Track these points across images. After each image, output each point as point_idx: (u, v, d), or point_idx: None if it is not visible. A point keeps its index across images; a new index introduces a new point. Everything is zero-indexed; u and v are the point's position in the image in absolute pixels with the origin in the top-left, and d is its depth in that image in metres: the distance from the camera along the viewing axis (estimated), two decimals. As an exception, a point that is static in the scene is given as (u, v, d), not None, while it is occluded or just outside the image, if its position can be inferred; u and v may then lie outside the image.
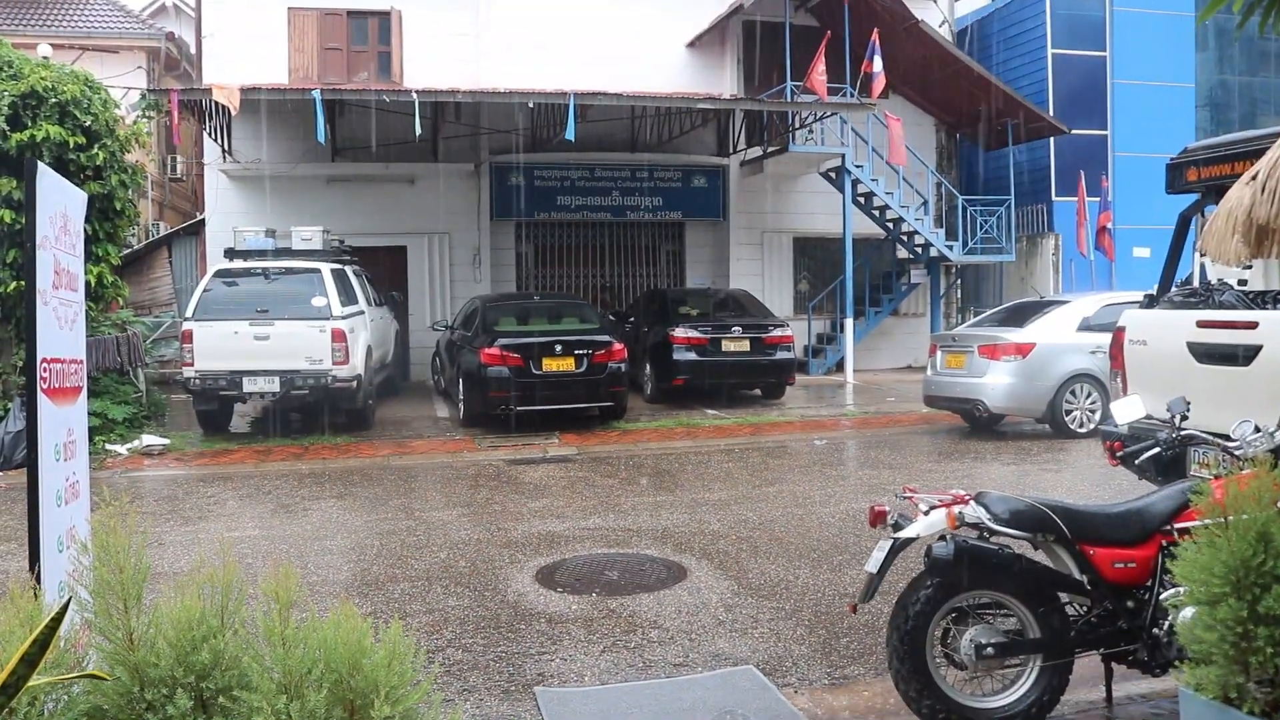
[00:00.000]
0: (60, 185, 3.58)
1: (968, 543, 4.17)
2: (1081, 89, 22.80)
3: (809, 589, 6.59)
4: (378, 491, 10.23)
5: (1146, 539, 4.25)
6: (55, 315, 3.38)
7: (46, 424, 3.22)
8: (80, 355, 3.71)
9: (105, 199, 12.88)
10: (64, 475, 3.44)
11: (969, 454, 12.03)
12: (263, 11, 19.06)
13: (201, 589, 2.78)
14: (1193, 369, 6.67)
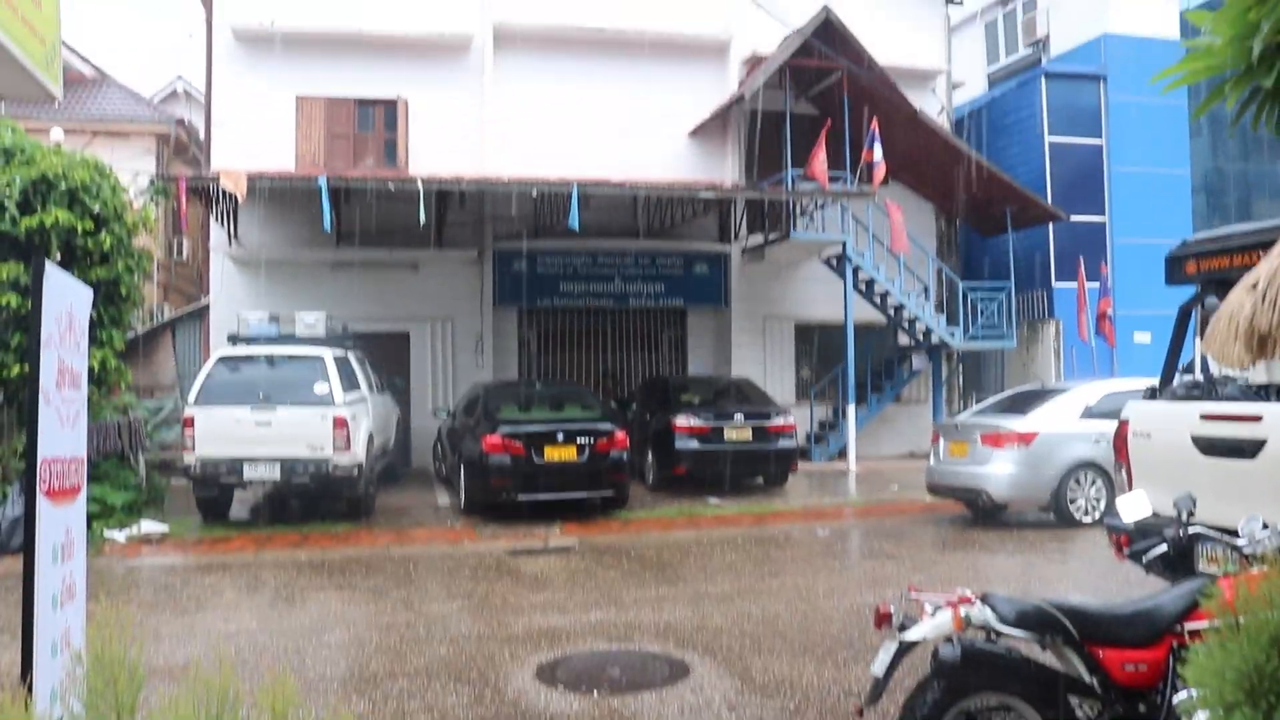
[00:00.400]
0: (66, 283, 3.60)
1: (975, 644, 4.12)
2: (1079, 176, 23.10)
3: (814, 687, 6.49)
4: (377, 582, 10.14)
5: (1157, 640, 4.19)
6: (58, 414, 3.38)
7: (45, 525, 3.21)
8: (81, 453, 3.71)
9: (111, 284, 12.96)
10: (61, 577, 3.41)
11: (973, 544, 11.94)
12: (271, 98, 19.36)
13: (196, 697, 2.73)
14: (1198, 462, 6.65)
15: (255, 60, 19.62)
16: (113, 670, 2.69)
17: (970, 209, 22.38)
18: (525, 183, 17.21)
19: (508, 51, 20.41)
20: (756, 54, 20.74)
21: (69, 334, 3.59)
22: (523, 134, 20.17)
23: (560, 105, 20.51)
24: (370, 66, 19.79)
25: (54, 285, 3.39)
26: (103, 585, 9.80)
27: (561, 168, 18.98)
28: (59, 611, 3.37)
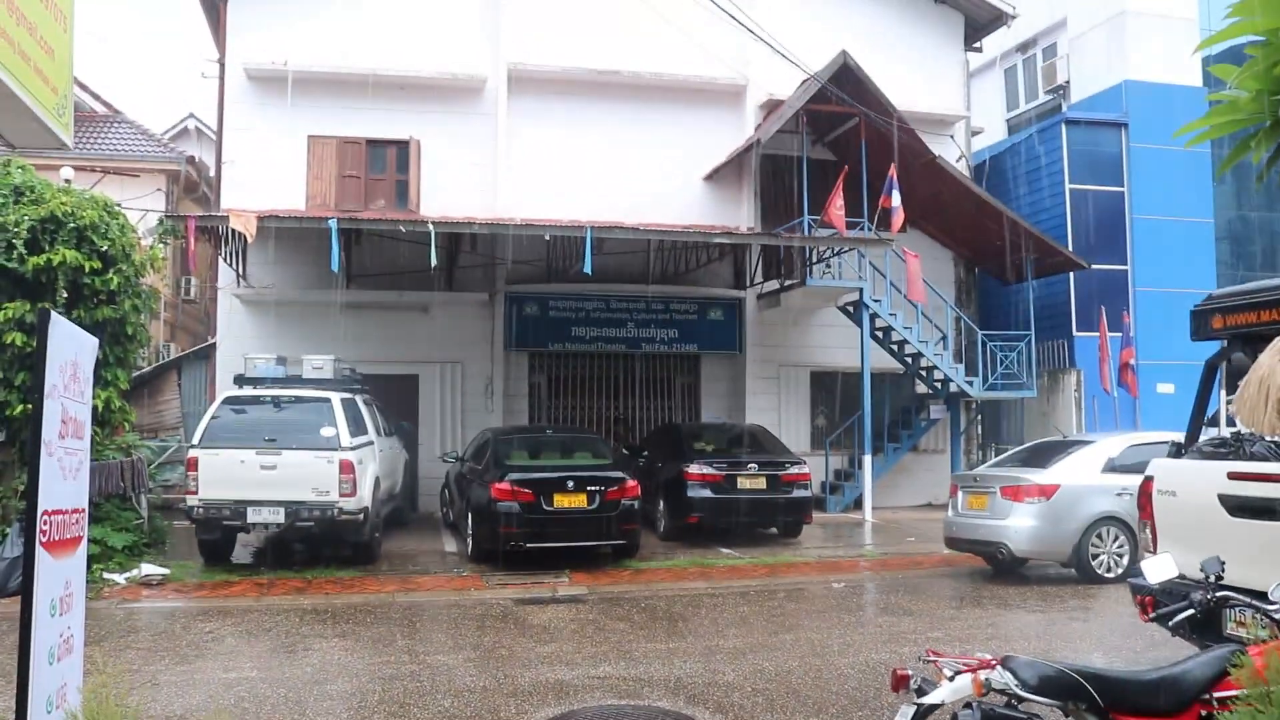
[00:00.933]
0: (71, 333, 3.61)
1: (995, 710, 4.05)
2: (1100, 224, 23.11)
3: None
4: (382, 631, 10.07)
5: (1184, 709, 4.11)
6: (60, 465, 3.37)
7: (44, 578, 3.18)
8: (83, 504, 3.69)
9: (117, 323, 13.02)
10: (59, 631, 3.39)
11: (992, 600, 11.82)
12: (283, 138, 19.53)
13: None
14: (1225, 522, 6.57)
15: (267, 99, 19.82)
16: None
17: (990, 256, 22.39)
18: (538, 225, 17.29)
19: (521, 94, 20.58)
20: (773, 98, 20.86)
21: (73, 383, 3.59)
22: (536, 176, 20.30)
23: (574, 148, 20.65)
24: (383, 107, 19.96)
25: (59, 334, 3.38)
26: (101, 630, 9.76)
27: (575, 211, 19.07)
28: (55, 666, 3.34)
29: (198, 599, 11.79)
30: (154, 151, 23.85)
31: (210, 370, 20.23)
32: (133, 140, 24.04)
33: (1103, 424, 21.13)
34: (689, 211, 20.92)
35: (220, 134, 20.44)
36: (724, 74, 21.19)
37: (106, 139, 23.82)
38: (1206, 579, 4.69)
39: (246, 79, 19.81)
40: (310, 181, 19.60)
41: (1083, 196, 23.13)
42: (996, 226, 20.79)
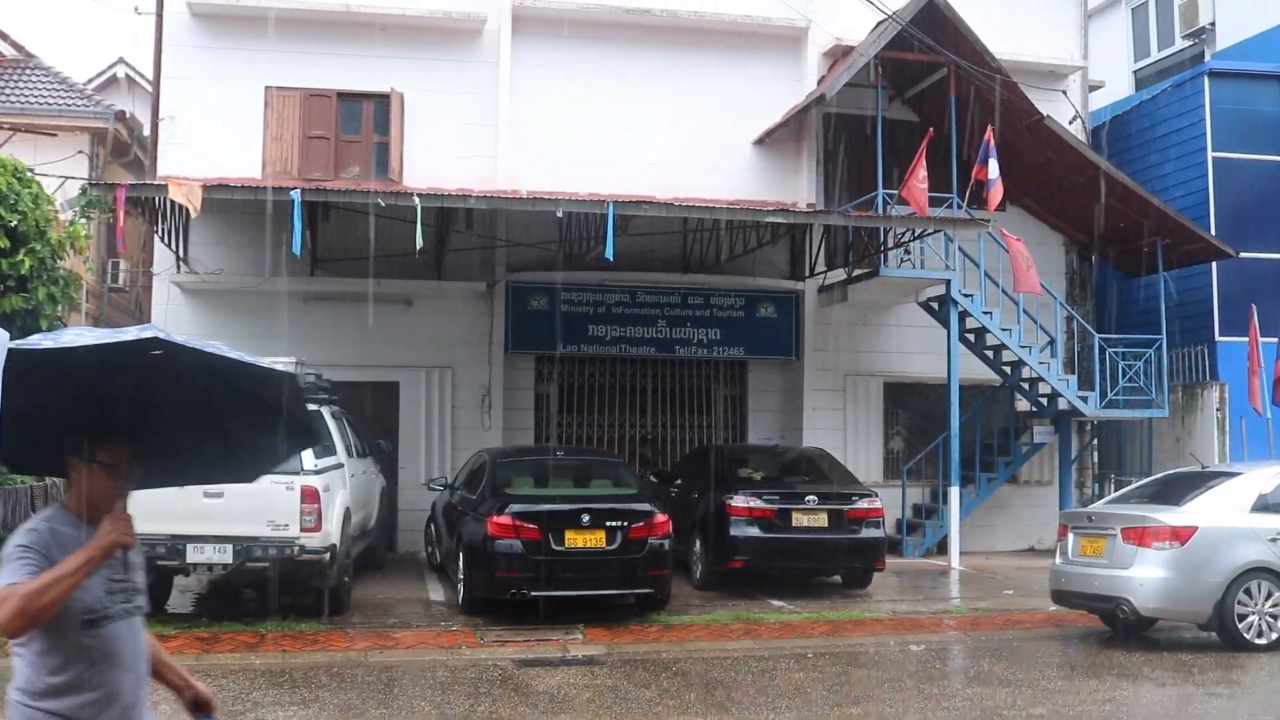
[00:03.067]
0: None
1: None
2: (1253, 201, 22.90)
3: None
4: (350, 698, 10.13)
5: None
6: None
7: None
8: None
9: (29, 315, 13.18)
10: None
11: (1111, 669, 11.79)
12: (234, 90, 19.64)
13: None
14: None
15: (216, 41, 19.97)
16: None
17: (1110, 242, 22.29)
18: (548, 199, 17.32)
19: (530, 38, 20.64)
20: (841, 44, 20.84)
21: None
22: (546, 139, 20.35)
23: (593, 105, 20.68)
24: (358, 53, 20.06)
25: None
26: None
27: (593, 182, 19.11)
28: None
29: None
30: (75, 105, 24.01)
31: (142, 375, 20.33)
32: (49, 91, 24.21)
33: (1253, 452, 20.96)
34: (735, 184, 20.90)
35: (157, 85, 20.51)
36: (781, 13, 21.11)
37: (17, 89, 24.00)
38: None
39: (190, 16, 19.92)
40: (268, 143, 19.70)
41: (1230, 167, 22.95)
42: (1119, 204, 20.70)
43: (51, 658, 3.58)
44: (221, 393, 4.01)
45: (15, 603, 3.33)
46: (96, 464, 3.68)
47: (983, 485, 21.33)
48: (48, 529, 3.63)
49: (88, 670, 3.61)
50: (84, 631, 3.59)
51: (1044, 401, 20.91)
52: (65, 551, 3.50)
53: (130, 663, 3.78)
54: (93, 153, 23.54)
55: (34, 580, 3.38)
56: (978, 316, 19.79)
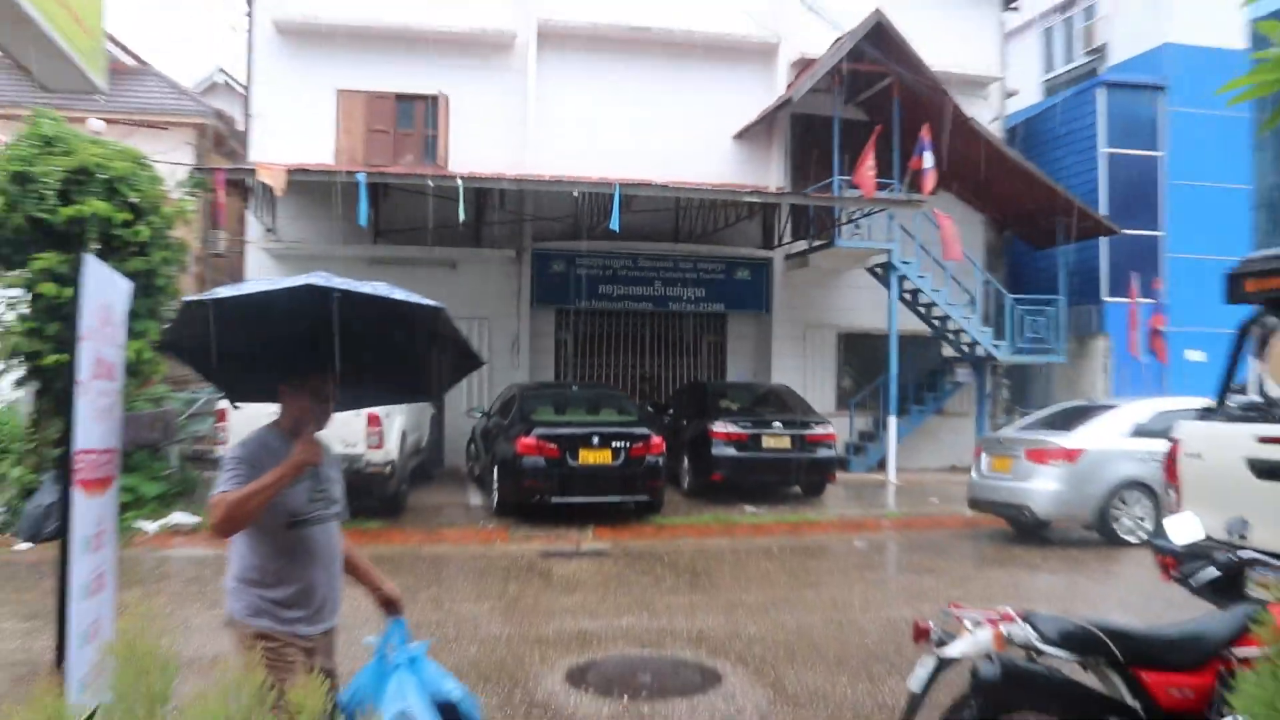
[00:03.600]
0: (106, 276, 3.67)
1: (1015, 663, 4.09)
2: (1134, 189, 22.84)
3: (847, 700, 6.48)
4: (408, 581, 10.19)
5: (1204, 665, 4.14)
6: (93, 406, 3.44)
7: (78, 515, 3.26)
8: (114, 445, 3.78)
9: (148, 275, 13.11)
10: (91, 567, 3.48)
11: (1014, 561, 11.86)
12: (311, 92, 19.55)
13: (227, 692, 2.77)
14: (1252, 486, 6.57)
15: (296, 53, 19.84)
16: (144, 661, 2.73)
17: (1021, 220, 22.25)
18: (566, 182, 17.29)
19: (551, 49, 20.51)
20: (805, 57, 20.70)
21: (107, 326, 3.65)
22: (565, 133, 20.26)
23: (603, 105, 20.58)
24: (412, 61, 19.94)
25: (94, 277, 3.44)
26: (134, 575, 9.93)
27: (603, 168, 19.03)
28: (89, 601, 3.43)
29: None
30: (183, 105, 23.86)
31: (239, 323, 20.32)
32: (161, 93, 24.06)
33: (1131, 390, 21.00)
34: (718, 170, 20.83)
35: (249, 87, 20.45)
36: (756, 32, 21.03)
37: (135, 92, 23.84)
38: (1231, 539, 4.71)
39: (275, 32, 19.81)
40: (339, 136, 19.62)
41: (1118, 161, 22.87)
42: (1029, 190, 20.65)
43: (261, 553, 3.68)
44: (396, 325, 4.04)
45: (222, 509, 3.42)
46: (304, 391, 3.74)
47: (914, 416, 21.38)
48: (259, 442, 3.70)
49: (289, 564, 3.70)
50: (288, 531, 3.69)
51: (965, 349, 20.91)
52: (274, 460, 3.54)
53: (326, 561, 3.87)
54: (197, 144, 23.40)
55: (239, 490, 3.43)
56: (914, 280, 19.75)
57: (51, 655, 3.29)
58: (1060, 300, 21.12)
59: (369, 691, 3.85)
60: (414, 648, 4.06)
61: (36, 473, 12.47)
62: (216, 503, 3.44)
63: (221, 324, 3.46)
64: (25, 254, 12.34)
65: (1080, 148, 23.31)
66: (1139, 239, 22.40)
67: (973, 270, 21.11)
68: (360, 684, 3.95)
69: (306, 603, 3.76)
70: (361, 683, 3.95)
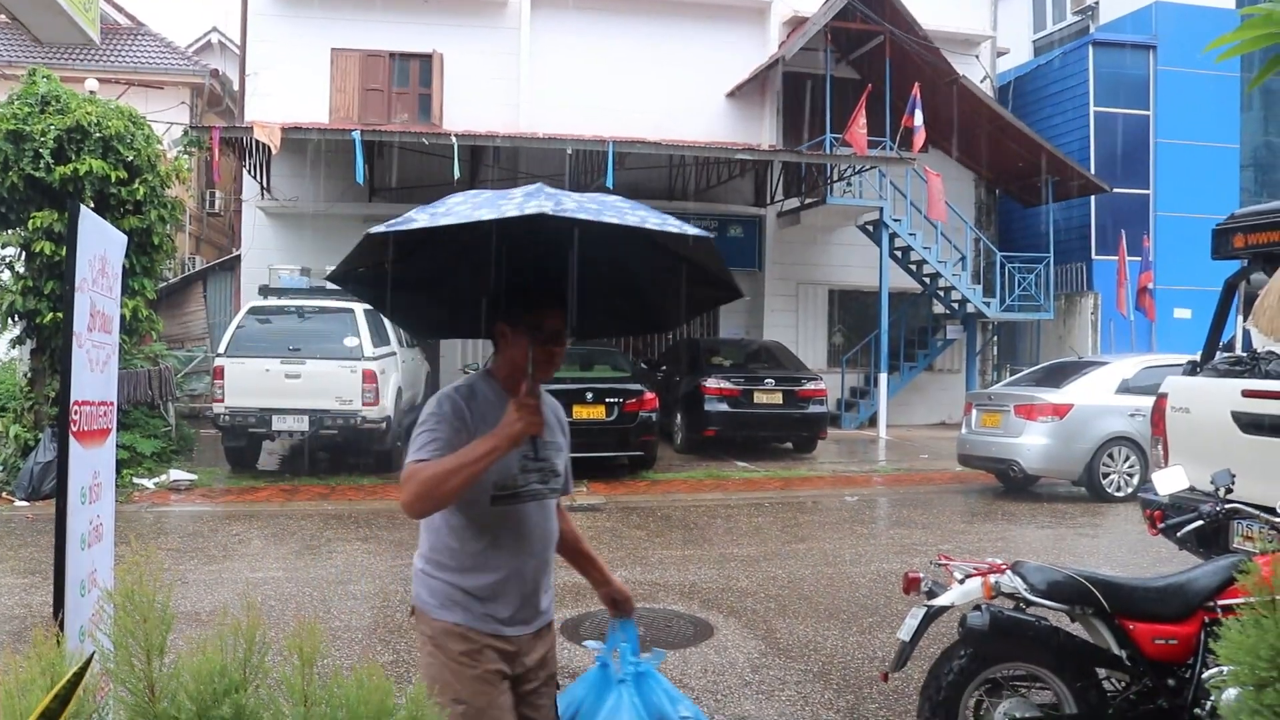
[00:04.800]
0: (100, 227, 3.61)
1: (1003, 613, 4.09)
2: (1124, 148, 22.77)
3: (838, 651, 6.50)
4: (403, 535, 10.20)
5: (1189, 615, 4.14)
6: (89, 357, 3.40)
7: (75, 467, 3.22)
8: (110, 397, 3.73)
9: (144, 233, 13.02)
10: (88, 518, 3.44)
11: (1003, 515, 11.89)
12: (306, 51, 19.37)
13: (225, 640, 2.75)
14: (1237, 439, 6.56)
15: (291, 12, 19.63)
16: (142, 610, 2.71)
17: (1011, 178, 22.18)
18: (560, 140, 17.17)
19: (545, 8, 20.32)
20: (797, 15, 20.55)
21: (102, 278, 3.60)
22: (559, 92, 20.11)
23: (597, 64, 20.41)
24: (406, 20, 19.75)
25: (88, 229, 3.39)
26: (131, 531, 9.92)
27: (597, 126, 18.89)
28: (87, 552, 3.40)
29: (224, 504, 11.96)
30: (178, 64, 23.66)
31: (235, 281, 20.31)
32: (156, 53, 23.84)
33: (1119, 347, 21.03)
34: (711, 128, 20.72)
35: (244, 46, 20.26)
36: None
37: (130, 51, 23.63)
38: (1217, 491, 4.70)
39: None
40: (333, 94, 19.47)
41: (1107, 120, 22.76)
42: (1019, 148, 20.56)
43: (457, 530, 2.93)
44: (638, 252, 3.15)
45: (416, 485, 2.70)
46: (526, 329, 2.91)
47: (905, 372, 21.38)
48: (467, 395, 2.94)
49: (491, 548, 2.93)
50: (492, 507, 2.90)
51: (955, 306, 20.90)
52: (483, 420, 2.84)
53: (537, 546, 3.02)
54: (192, 103, 23.25)
55: (438, 463, 2.70)
56: (904, 237, 19.71)
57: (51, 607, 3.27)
58: (1049, 258, 21.08)
59: (588, 706, 3.23)
60: (645, 659, 3.34)
61: (34, 430, 12.43)
62: (409, 476, 2.74)
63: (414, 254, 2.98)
64: (21, 213, 12.26)
65: (1070, 106, 23.19)
66: (1128, 197, 22.33)
67: (963, 228, 21.06)
68: (577, 695, 3.29)
69: (512, 596, 2.96)
70: (579, 694, 3.29)
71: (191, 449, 14.98)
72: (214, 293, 21.42)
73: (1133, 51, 23.08)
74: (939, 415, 21.96)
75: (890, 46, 19.32)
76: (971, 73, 21.24)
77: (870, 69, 20.41)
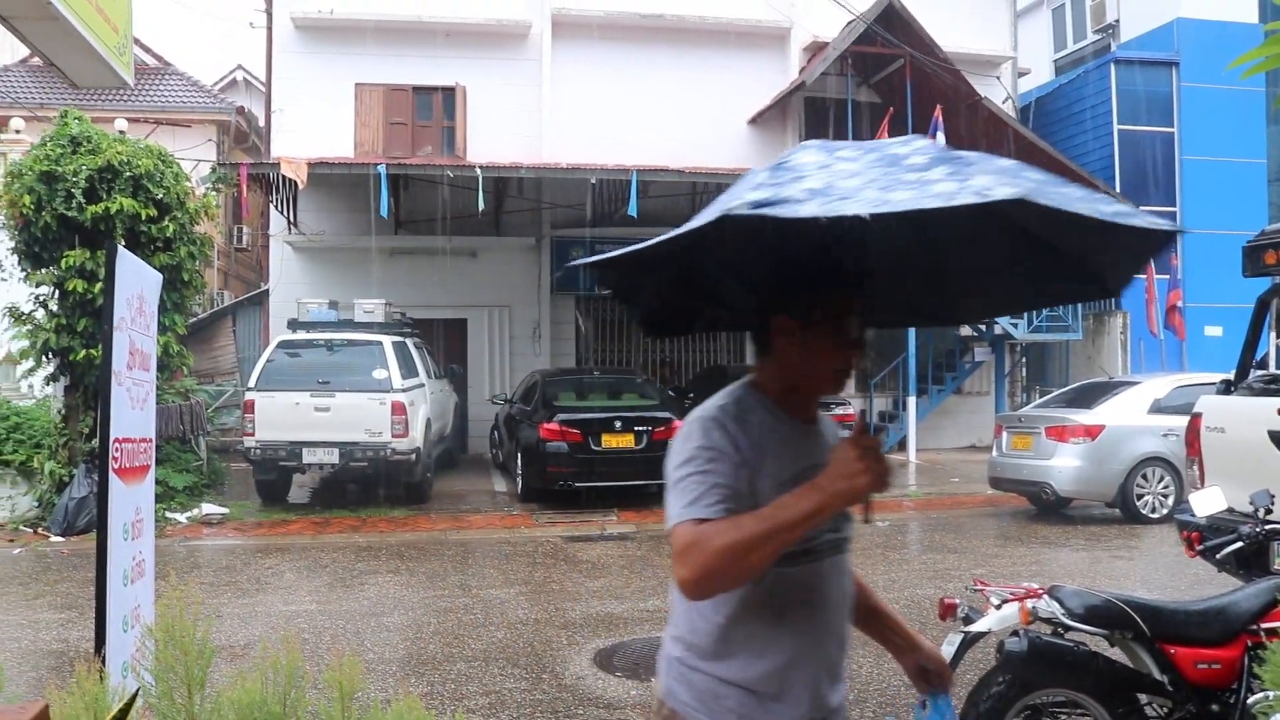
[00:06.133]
0: (137, 267, 3.66)
1: (1042, 638, 4.06)
2: (1149, 165, 22.67)
3: (873, 679, 6.45)
4: (435, 566, 10.22)
5: (1231, 639, 4.09)
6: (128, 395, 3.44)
7: (116, 503, 3.26)
8: (150, 434, 3.77)
9: (174, 270, 13.16)
10: (131, 554, 3.48)
11: (1037, 539, 11.79)
12: (330, 87, 19.56)
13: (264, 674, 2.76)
14: (1275, 458, 6.50)
15: (314, 48, 19.84)
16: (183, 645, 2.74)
17: (1036, 199, 22.09)
18: (584, 170, 17.24)
19: (566, 39, 20.45)
20: (818, 41, 20.60)
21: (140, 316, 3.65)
22: (580, 122, 20.21)
23: (619, 93, 20.52)
24: (429, 54, 19.92)
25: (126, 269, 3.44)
26: (165, 565, 9.98)
27: (620, 155, 18.97)
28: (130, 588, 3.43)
29: (256, 536, 12.02)
30: (204, 102, 23.97)
31: (264, 316, 20.45)
32: (183, 92, 24.16)
33: (1149, 367, 20.88)
34: (733, 155, 20.74)
35: (269, 83, 20.50)
36: (768, 16, 20.90)
37: (158, 91, 23.95)
38: (1255, 512, 4.65)
39: (294, 28, 19.81)
40: (358, 129, 19.64)
41: (1131, 138, 22.69)
42: (1043, 168, 20.42)
43: (729, 603, 2.07)
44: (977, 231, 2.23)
45: (707, 560, 1.87)
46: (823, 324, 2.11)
47: (933, 396, 21.28)
48: (738, 417, 2.10)
49: (775, 624, 2.08)
50: (781, 568, 2.03)
51: (982, 328, 20.80)
52: (764, 452, 2.06)
53: (833, 618, 2.20)
54: (219, 140, 23.53)
55: (736, 527, 1.88)
56: (929, 260, 19.61)
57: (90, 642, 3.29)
58: (1076, 278, 20.95)
59: None
60: None
61: (69, 466, 12.54)
62: (691, 544, 1.92)
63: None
64: (54, 251, 12.42)
65: (1093, 125, 23.12)
66: (1155, 215, 22.17)
67: (989, 250, 20.97)
68: None
69: (801, 691, 2.11)
70: None
71: (223, 483, 15.07)
72: (243, 327, 21.56)
73: (1155, 68, 23.01)
74: (969, 438, 21.84)
75: (911, 69, 19.33)
76: (993, 94, 21.21)
77: (891, 92, 20.42)
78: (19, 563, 10.68)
